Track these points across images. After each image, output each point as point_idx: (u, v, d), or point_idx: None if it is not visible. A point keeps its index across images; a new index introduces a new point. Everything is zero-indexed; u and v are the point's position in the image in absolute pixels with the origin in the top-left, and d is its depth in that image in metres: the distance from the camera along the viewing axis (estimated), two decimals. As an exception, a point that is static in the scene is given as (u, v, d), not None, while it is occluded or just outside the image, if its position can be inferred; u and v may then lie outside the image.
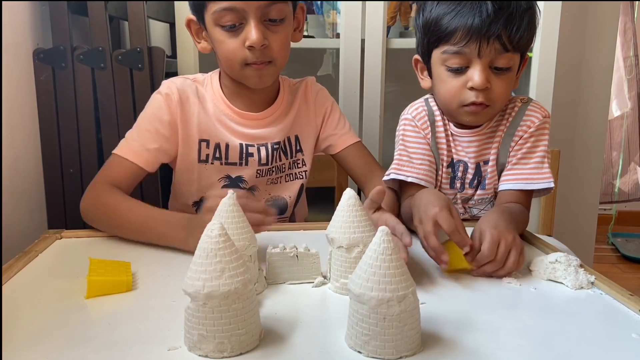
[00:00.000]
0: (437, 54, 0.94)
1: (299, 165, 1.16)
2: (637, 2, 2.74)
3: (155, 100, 1.07)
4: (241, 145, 1.08)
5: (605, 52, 1.79)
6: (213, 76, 1.11)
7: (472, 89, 0.91)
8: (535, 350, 0.58)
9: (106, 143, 1.47)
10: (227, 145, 1.08)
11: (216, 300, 0.54)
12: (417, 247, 0.83)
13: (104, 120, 1.46)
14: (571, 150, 1.80)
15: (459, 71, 0.92)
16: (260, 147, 1.09)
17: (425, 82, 1.03)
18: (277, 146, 1.10)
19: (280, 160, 1.12)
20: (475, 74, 0.89)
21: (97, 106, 1.46)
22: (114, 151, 1.05)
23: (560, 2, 1.45)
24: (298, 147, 1.15)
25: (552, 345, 0.59)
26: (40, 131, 1.47)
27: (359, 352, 0.57)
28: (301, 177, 1.17)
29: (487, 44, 0.88)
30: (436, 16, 0.92)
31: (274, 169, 1.12)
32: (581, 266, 0.78)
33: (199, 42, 1.06)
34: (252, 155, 1.09)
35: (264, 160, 1.10)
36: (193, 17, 1.04)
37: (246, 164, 1.09)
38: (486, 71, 0.90)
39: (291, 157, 1.14)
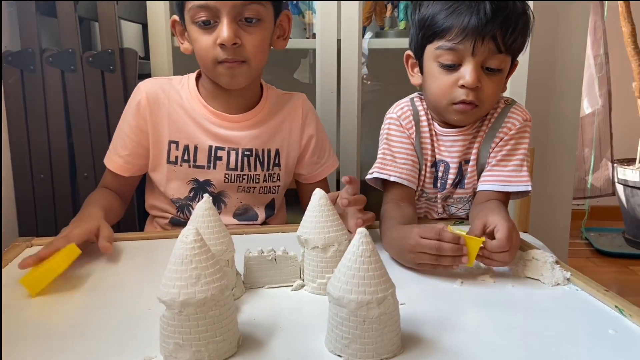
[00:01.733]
0: (430, 50, 0.94)
1: (274, 180, 1.13)
2: (606, 1, 2.79)
3: (127, 106, 1.09)
4: (210, 147, 1.07)
5: (576, 50, 1.81)
6: (190, 76, 1.11)
7: (463, 87, 0.91)
8: (515, 349, 0.59)
9: (78, 148, 1.44)
10: (195, 147, 1.07)
11: (192, 308, 0.53)
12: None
13: (75, 124, 1.43)
14: (545, 148, 1.82)
15: (452, 68, 0.92)
16: (231, 151, 1.08)
17: (415, 78, 1.03)
18: (248, 153, 1.09)
19: (255, 170, 1.10)
20: (467, 72, 0.90)
21: (68, 110, 1.43)
22: None
23: (532, 1, 1.46)
24: (277, 161, 1.12)
25: (530, 344, 0.60)
26: (10, 136, 1.43)
27: (339, 355, 0.56)
28: (274, 191, 1.14)
29: (482, 43, 0.88)
30: (433, 12, 0.93)
31: (245, 176, 1.10)
32: (557, 263, 0.79)
33: (182, 43, 1.07)
34: (220, 158, 1.08)
35: (232, 165, 1.08)
36: (175, 17, 1.05)
37: (214, 167, 1.08)
38: (478, 70, 0.90)
39: (267, 170, 1.12)
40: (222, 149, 1.08)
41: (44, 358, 0.56)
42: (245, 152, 1.09)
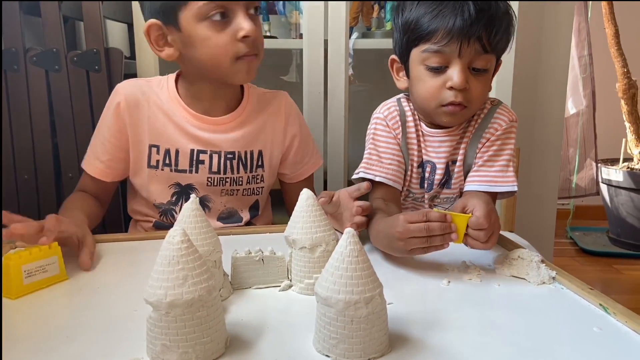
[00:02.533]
0: (416, 53, 0.94)
1: (258, 181, 1.12)
2: (590, 2, 2.82)
3: (106, 109, 1.07)
4: (192, 150, 1.05)
5: (561, 51, 1.83)
6: (170, 77, 1.09)
7: (451, 88, 0.91)
8: (501, 347, 0.59)
9: (62, 148, 1.43)
10: (177, 151, 1.05)
11: (179, 309, 0.52)
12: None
13: (59, 124, 1.42)
14: (530, 148, 1.84)
15: (439, 70, 0.92)
16: (213, 154, 1.06)
17: (401, 82, 1.03)
18: (230, 155, 1.07)
19: (238, 172, 1.09)
20: (455, 74, 0.90)
21: (52, 110, 1.41)
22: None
23: (517, 2, 1.48)
24: (260, 162, 1.11)
25: (517, 342, 0.60)
26: (-7, 136, 1.41)
27: (327, 355, 0.56)
28: (258, 192, 1.14)
29: (468, 44, 0.89)
30: (417, 15, 0.92)
31: (228, 179, 1.09)
32: (542, 262, 0.80)
33: (161, 50, 1.00)
34: (202, 162, 1.06)
35: (215, 168, 1.07)
36: (154, 21, 0.98)
37: (196, 171, 1.06)
38: (465, 71, 0.91)
39: (250, 172, 1.11)
40: (204, 152, 1.06)
41: (29, 361, 0.55)
42: (228, 155, 1.07)
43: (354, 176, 1.03)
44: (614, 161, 2.95)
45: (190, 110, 1.05)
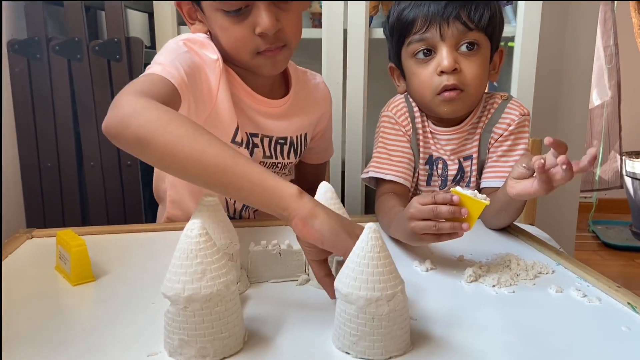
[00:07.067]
0: (405, 51, 0.96)
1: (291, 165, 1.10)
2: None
3: (186, 50, 0.87)
4: (246, 134, 0.97)
5: (585, 41, 1.79)
6: None
7: (442, 73, 0.92)
8: (526, 347, 0.57)
9: (84, 136, 1.44)
10: (236, 131, 0.94)
11: (197, 304, 0.52)
12: (402, 244, 0.82)
13: (81, 112, 1.43)
14: (554, 140, 1.80)
15: (427, 57, 0.93)
16: (264, 138, 0.99)
17: (401, 87, 1.04)
18: (282, 141, 1.02)
19: (289, 157, 1.04)
20: (442, 56, 0.91)
21: (75, 98, 1.42)
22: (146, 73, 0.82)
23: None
24: (306, 145, 1.08)
25: (542, 342, 0.58)
26: (16, 124, 1.43)
27: (347, 353, 0.55)
28: (290, 173, 1.12)
29: (448, 25, 0.90)
30: (397, 14, 0.96)
31: (279, 164, 1.04)
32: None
33: (192, 23, 0.93)
34: (257, 146, 0.99)
35: (267, 153, 1.00)
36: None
37: (251, 154, 0.98)
38: (453, 53, 0.91)
39: (299, 157, 1.07)
40: (255, 135, 0.98)
41: (46, 354, 0.55)
42: (280, 140, 1.02)
43: (363, 175, 1.03)
44: (638, 154, 2.88)
45: (251, 92, 0.95)
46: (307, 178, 1.17)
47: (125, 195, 1.48)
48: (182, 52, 0.86)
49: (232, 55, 0.90)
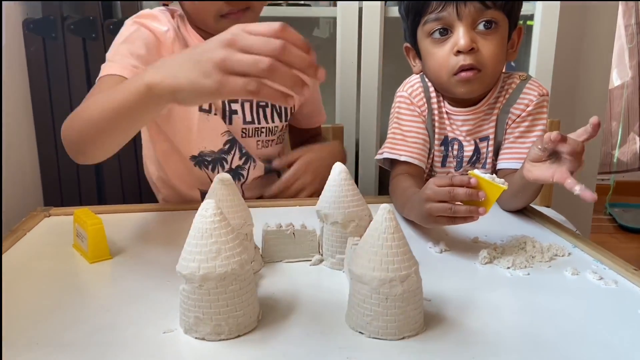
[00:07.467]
0: (421, 30, 0.94)
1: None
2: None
3: (141, 32, 0.93)
4: (223, 102, 1.00)
5: (606, 20, 1.75)
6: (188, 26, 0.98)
7: (458, 53, 0.90)
8: (540, 329, 0.57)
9: (98, 116, 1.44)
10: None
11: (212, 282, 0.52)
12: (416, 225, 0.82)
13: (95, 92, 1.43)
14: (571, 120, 1.77)
15: (443, 36, 0.91)
16: (245, 103, 1.02)
17: (416, 67, 1.02)
18: (263, 103, 1.03)
19: (273, 121, 1.06)
20: (459, 36, 0.89)
21: (90, 77, 1.42)
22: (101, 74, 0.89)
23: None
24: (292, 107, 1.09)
25: (557, 324, 0.58)
26: (32, 104, 1.44)
27: (360, 332, 0.55)
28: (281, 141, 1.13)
29: (465, 4, 0.88)
30: None
31: (264, 129, 1.05)
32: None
33: None
34: (235, 112, 1.01)
35: (249, 118, 1.03)
36: None
37: (229, 122, 1.01)
38: (470, 32, 0.89)
39: (285, 120, 1.09)
40: (235, 101, 1.01)
41: (61, 330, 0.56)
42: (261, 103, 1.03)
43: (378, 156, 1.02)
44: (659, 136, 2.83)
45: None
46: (303, 143, 1.18)
47: (140, 175, 1.49)
48: (132, 32, 0.92)
49: (198, 18, 0.94)
